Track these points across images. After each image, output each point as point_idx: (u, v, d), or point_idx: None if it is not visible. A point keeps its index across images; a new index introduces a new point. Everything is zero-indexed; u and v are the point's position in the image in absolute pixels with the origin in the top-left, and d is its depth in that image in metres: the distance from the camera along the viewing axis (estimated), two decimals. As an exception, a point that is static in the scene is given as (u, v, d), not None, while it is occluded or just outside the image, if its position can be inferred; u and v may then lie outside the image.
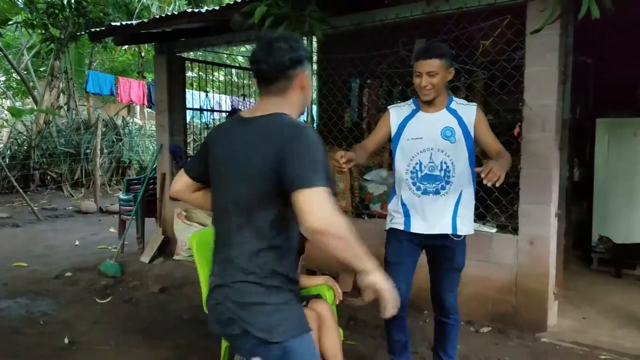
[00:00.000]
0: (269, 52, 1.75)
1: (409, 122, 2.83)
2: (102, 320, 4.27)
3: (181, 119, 6.33)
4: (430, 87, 2.68)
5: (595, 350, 3.46)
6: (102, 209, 9.82)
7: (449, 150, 2.74)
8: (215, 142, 1.91)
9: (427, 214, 2.78)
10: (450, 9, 3.97)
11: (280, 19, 4.11)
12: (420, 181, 2.79)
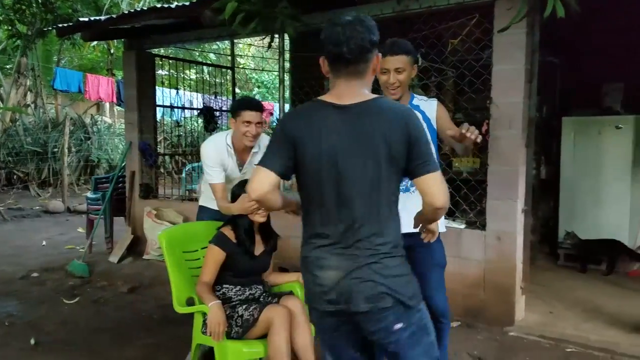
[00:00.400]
0: (350, 34, 1.75)
1: None
2: (70, 320, 4.19)
3: (151, 116, 6.26)
4: (398, 84, 2.64)
5: (561, 344, 3.54)
6: (69, 209, 9.67)
7: None
8: (308, 134, 1.81)
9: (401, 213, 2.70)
10: (420, 8, 4.02)
11: (252, 15, 4.09)
12: None
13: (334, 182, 1.80)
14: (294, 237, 3.24)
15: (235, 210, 2.98)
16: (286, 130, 1.84)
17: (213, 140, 3.42)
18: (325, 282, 1.82)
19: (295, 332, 2.77)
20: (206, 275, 2.91)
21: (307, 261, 1.89)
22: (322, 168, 1.80)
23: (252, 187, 1.83)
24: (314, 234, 1.87)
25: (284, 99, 4.99)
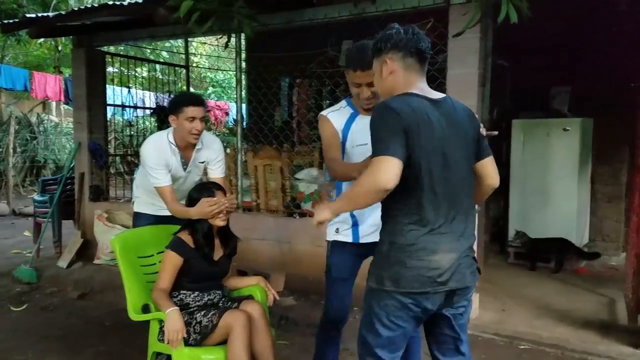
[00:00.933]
0: (424, 36, 2.01)
1: (351, 128, 2.60)
2: (18, 328, 4.04)
3: (101, 115, 6.09)
4: (372, 96, 2.48)
5: (515, 341, 3.64)
6: (15, 212, 9.38)
7: None
8: (419, 124, 1.87)
9: (375, 221, 2.49)
10: (376, 11, 4.07)
11: (208, 14, 4.03)
12: None
13: (443, 171, 1.92)
14: (254, 240, 3.22)
15: (193, 215, 2.90)
16: (401, 119, 1.85)
17: (153, 140, 3.27)
18: (442, 264, 1.92)
19: (255, 337, 2.73)
20: (163, 282, 2.84)
21: (415, 248, 1.91)
22: (433, 158, 1.90)
23: (384, 178, 1.78)
24: (420, 221, 1.92)
25: (241, 98, 4.94)
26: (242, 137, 4.93)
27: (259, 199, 4.96)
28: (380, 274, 1.97)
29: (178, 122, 3.11)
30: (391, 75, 2.01)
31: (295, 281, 4.55)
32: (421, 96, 1.96)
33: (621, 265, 5.04)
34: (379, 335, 2.02)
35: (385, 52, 2.00)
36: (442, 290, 1.94)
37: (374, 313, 2.01)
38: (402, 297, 1.94)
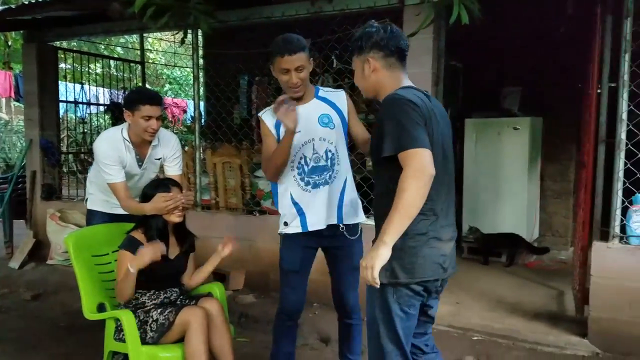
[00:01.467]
0: (402, 33, 2.11)
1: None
2: (-32, 332, 3.91)
3: (53, 112, 5.94)
4: (301, 82, 2.57)
5: (468, 332, 3.76)
6: (-39, 212, 8.93)
7: (330, 137, 2.64)
8: (430, 117, 1.96)
9: (320, 208, 2.64)
10: (333, 10, 4.12)
11: (163, 9, 3.99)
12: (308, 175, 2.64)
13: (443, 163, 2.01)
14: (213, 238, 3.22)
15: (148, 211, 2.87)
16: (421, 111, 1.92)
17: (107, 136, 3.21)
18: (446, 251, 2.04)
19: (213, 333, 2.73)
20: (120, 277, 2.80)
21: (427, 237, 1.98)
22: (436, 150, 1.95)
23: (426, 168, 1.82)
24: (428, 210, 1.96)
25: (199, 95, 4.91)
26: (200, 135, 4.90)
27: (218, 196, 4.94)
28: (393, 266, 1.95)
29: (133, 119, 3.05)
30: (374, 73, 2.08)
31: (255, 279, 4.56)
32: (416, 89, 2.04)
33: (569, 259, 5.24)
34: (397, 328, 2.04)
35: (367, 51, 2.06)
36: (444, 276, 2.07)
37: (388, 308, 2.02)
38: (415, 286, 2.01)
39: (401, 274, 1.97)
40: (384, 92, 2.08)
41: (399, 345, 2.04)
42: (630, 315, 3.39)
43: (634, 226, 3.43)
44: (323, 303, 4.21)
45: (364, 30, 2.10)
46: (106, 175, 3.10)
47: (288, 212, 2.69)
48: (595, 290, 3.49)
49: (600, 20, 3.54)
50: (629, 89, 3.38)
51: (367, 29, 2.09)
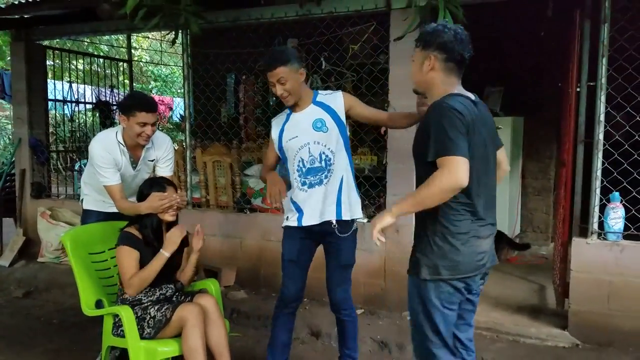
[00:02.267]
0: (468, 41, 2.13)
1: (285, 126, 2.91)
2: (-40, 329, 3.94)
3: (42, 110, 5.93)
4: (287, 93, 2.77)
5: (452, 325, 3.88)
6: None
7: (324, 140, 2.82)
8: (473, 124, 2.03)
9: (316, 206, 2.84)
10: (321, 13, 4.19)
11: (154, 10, 4.05)
12: (305, 176, 2.84)
13: (484, 164, 2.13)
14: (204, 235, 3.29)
15: (144, 210, 2.94)
16: (465, 120, 2.00)
17: (102, 139, 3.22)
18: (485, 248, 2.15)
19: (209, 328, 2.82)
20: (128, 274, 2.83)
21: (468, 236, 2.09)
22: (478, 153, 2.07)
23: (462, 177, 1.93)
24: (469, 210, 2.08)
25: (189, 95, 4.97)
26: (190, 134, 4.96)
27: (208, 195, 5.01)
28: (435, 263, 2.08)
29: (128, 124, 3.09)
30: (432, 72, 2.13)
31: (246, 276, 4.64)
32: (465, 96, 2.11)
33: (550, 254, 5.37)
34: (438, 323, 2.13)
35: (432, 49, 2.10)
36: (484, 270, 2.17)
37: (430, 304, 2.12)
38: (456, 282, 2.10)
39: (444, 270, 2.07)
40: (433, 92, 2.15)
41: (442, 338, 2.15)
42: (608, 307, 3.54)
43: (612, 223, 3.57)
44: (314, 298, 4.32)
45: (435, 28, 2.13)
46: (102, 178, 3.14)
47: (290, 209, 2.93)
48: (574, 284, 3.63)
49: (579, 25, 3.67)
50: (606, 92, 3.52)
51: (438, 28, 2.12)
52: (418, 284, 2.14)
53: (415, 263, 2.15)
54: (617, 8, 3.49)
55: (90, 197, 3.46)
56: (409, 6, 3.60)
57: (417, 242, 2.19)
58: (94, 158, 3.15)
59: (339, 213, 2.84)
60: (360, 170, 4.77)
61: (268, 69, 2.76)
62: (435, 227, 2.09)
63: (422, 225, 2.15)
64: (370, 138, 4.78)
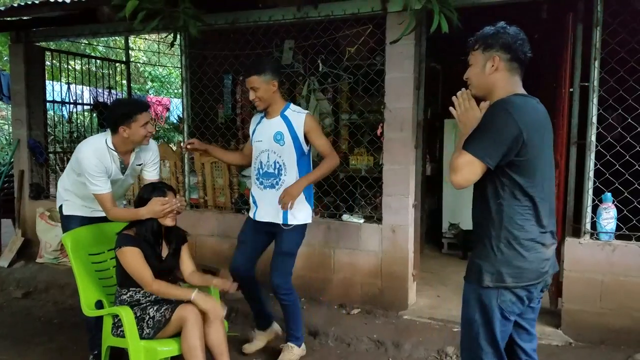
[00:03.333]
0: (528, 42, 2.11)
1: (257, 127, 3.36)
2: (-39, 329, 3.97)
3: (41, 112, 5.96)
4: (257, 99, 3.18)
5: (448, 324, 3.92)
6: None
7: (280, 151, 3.23)
8: (537, 125, 2.03)
9: (266, 205, 3.29)
10: (318, 16, 4.23)
11: (153, 13, 4.09)
12: (262, 177, 3.31)
13: (547, 169, 2.10)
14: (202, 236, 3.34)
15: (144, 215, 2.94)
16: (518, 123, 1.96)
17: (92, 146, 3.14)
18: (549, 255, 2.11)
19: (208, 328, 2.85)
20: (145, 275, 2.86)
21: (534, 242, 2.06)
22: (542, 158, 2.05)
23: (464, 177, 2.02)
24: (534, 216, 2.06)
25: (187, 97, 5.01)
26: (188, 135, 5.00)
27: (206, 196, 5.05)
28: (499, 270, 2.03)
29: (132, 131, 3.09)
30: (495, 73, 2.10)
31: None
32: (531, 97, 2.10)
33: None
34: (496, 332, 2.08)
35: (496, 50, 2.09)
36: (545, 278, 2.13)
37: (491, 312, 2.07)
38: (519, 291, 2.05)
39: (508, 277, 2.03)
40: (496, 93, 2.10)
41: (496, 347, 2.10)
42: (600, 306, 3.60)
43: (604, 223, 3.62)
44: (311, 298, 4.38)
45: (496, 29, 2.12)
46: (93, 187, 3.08)
47: (250, 201, 3.44)
48: (567, 284, 3.70)
49: (572, 29, 3.73)
50: (599, 94, 3.58)
51: (499, 29, 2.11)
52: (478, 291, 2.08)
53: (476, 269, 2.09)
54: (609, 12, 3.54)
55: (71, 202, 3.37)
56: (405, 10, 3.64)
57: (477, 248, 2.13)
58: (85, 166, 3.07)
59: (285, 219, 3.24)
60: (357, 170, 4.82)
61: (244, 76, 3.23)
62: (500, 232, 2.05)
63: (484, 231, 2.10)
64: (366, 139, 4.83)
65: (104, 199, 3.10)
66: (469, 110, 2.14)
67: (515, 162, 1.99)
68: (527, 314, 2.18)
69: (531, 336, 2.24)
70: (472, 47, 2.18)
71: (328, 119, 5.00)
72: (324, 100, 5.03)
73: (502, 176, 2.03)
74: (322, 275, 4.42)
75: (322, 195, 4.79)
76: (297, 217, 3.25)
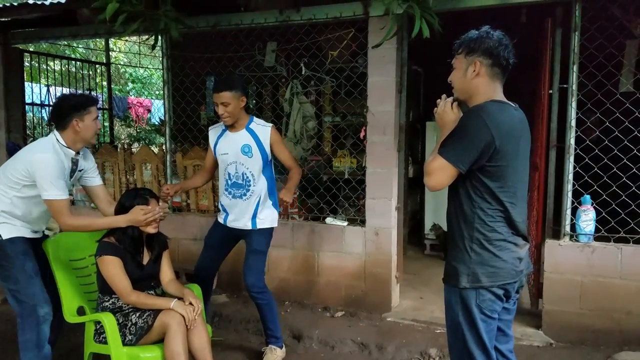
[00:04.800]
0: (512, 48, 2.13)
1: (219, 140, 3.46)
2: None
3: (19, 114, 5.87)
4: (227, 114, 3.27)
5: (431, 326, 3.96)
6: None
7: (248, 163, 3.37)
8: (512, 132, 2.06)
9: (236, 213, 3.44)
10: (301, 20, 4.24)
11: (134, 16, 4.06)
12: (230, 187, 3.43)
13: (521, 173, 2.14)
14: (185, 240, 3.32)
15: (124, 223, 2.90)
16: (491, 130, 1.99)
17: (49, 148, 2.89)
18: (522, 254, 2.16)
19: (191, 333, 2.83)
20: (122, 285, 2.83)
21: (507, 242, 2.11)
22: (515, 162, 2.08)
23: (437, 181, 2.08)
24: (506, 217, 2.09)
25: (169, 99, 4.97)
26: (170, 138, 4.97)
27: (189, 199, 5.03)
28: (475, 271, 2.08)
29: (84, 125, 2.93)
30: (477, 77, 2.12)
31: (228, 279, 4.67)
32: (507, 104, 2.13)
33: (525, 254, 5.51)
34: (481, 332, 2.10)
35: (477, 55, 2.11)
36: (520, 277, 2.16)
37: (471, 313, 2.10)
38: (497, 290, 2.10)
39: (484, 277, 2.07)
40: (476, 97, 2.13)
41: (485, 348, 2.12)
42: (580, 307, 3.66)
43: (583, 225, 3.68)
44: (295, 301, 4.38)
45: (480, 34, 2.13)
46: (51, 192, 2.82)
47: (220, 208, 3.57)
48: (547, 285, 3.75)
49: (551, 33, 3.79)
50: (577, 98, 3.64)
51: (481, 33, 2.13)
52: (457, 293, 2.12)
53: (453, 272, 2.14)
54: (587, 17, 3.60)
55: (9, 224, 2.95)
56: (387, 14, 3.67)
57: (453, 250, 2.17)
58: (43, 171, 2.81)
59: (254, 224, 3.42)
60: (340, 173, 4.84)
61: (215, 91, 3.29)
62: (472, 233, 2.09)
63: (457, 233, 2.14)
64: (350, 143, 4.84)
65: (62, 206, 2.84)
66: (446, 112, 2.20)
67: (487, 167, 2.03)
68: (502, 315, 2.21)
69: (507, 337, 2.28)
70: (456, 51, 2.20)
71: (311, 122, 5.01)
72: (306, 103, 5.03)
73: (474, 180, 2.07)
74: (306, 278, 4.43)
75: (305, 198, 4.80)
76: (265, 222, 3.44)
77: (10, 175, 2.92)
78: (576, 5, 3.56)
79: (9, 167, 2.98)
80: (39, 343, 2.95)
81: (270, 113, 5.75)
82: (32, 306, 2.91)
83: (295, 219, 4.67)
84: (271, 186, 3.49)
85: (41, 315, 2.92)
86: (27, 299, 2.92)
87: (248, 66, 5.20)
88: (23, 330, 2.96)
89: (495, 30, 2.15)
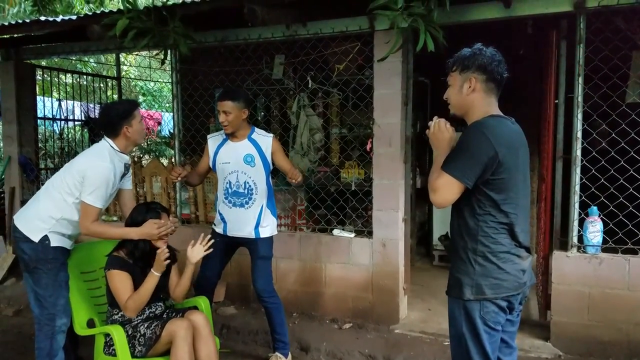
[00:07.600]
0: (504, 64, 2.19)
1: (220, 149, 3.52)
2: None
3: (31, 128, 5.97)
4: (227, 123, 3.37)
5: (439, 338, 3.94)
6: None
7: (250, 172, 3.45)
8: (510, 147, 2.09)
9: (237, 222, 3.49)
10: (307, 34, 4.30)
11: (144, 32, 4.13)
12: (231, 196, 3.49)
13: (522, 186, 2.16)
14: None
15: (136, 236, 2.94)
16: (492, 148, 2.04)
17: (105, 156, 3.02)
18: (525, 266, 2.18)
19: (199, 345, 2.87)
20: (125, 294, 2.87)
21: (510, 254, 2.13)
22: (516, 175, 2.12)
23: (443, 197, 2.10)
24: (508, 230, 2.12)
25: (178, 112, 5.03)
26: (179, 151, 5.03)
27: (198, 211, 5.07)
28: (479, 283, 2.10)
29: (134, 129, 3.09)
30: (473, 93, 2.17)
31: (236, 291, 4.70)
32: (505, 118, 2.17)
33: (534, 266, 5.48)
34: (485, 344, 2.12)
35: (472, 71, 2.16)
36: (524, 289, 2.19)
37: (475, 325, 2.12)
38: (500, 302, 2.12)
39: (487, 289, 2.09)
40: (472, 113, 2.19)
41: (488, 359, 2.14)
42: (588, 318, 3.65)
43: (590, 236, 3.68)
44: (302, 312, 4.40)
45: (473, 51, 2.19)
46: (91, 197, 2.93)
47: (217, 218, 3.61)
48: (555, 296, 3.74)
49: (556, 45, 3.81)
50: (583, 109, 3.65)
51: (475, 50, 2.18)
52: (461, 305, 2.14)
53: (457, 284, 2.16)
54: (592, 29, 3.62)
55: (58, 235, 3.05)
56: (392, 28, 3.71)
57: (456, 262, 2.19)
58: (95, 180, 2.93)
59: (257, 233, 3.48)
60: (347, 185, 4.86)
61: (219, 99, 3.39)
62: (476, 246, 2.11)
63: (461, 246, 2.16)
64: (356, 154, 4.88)
65: (93, 212, 2.94)
66: (441, 131, 2.24)
67: (491, 180, 2.07)
68: (506, 327, 2.22)
69: (511, 349, 2.31)
70: (451, 69, 2.26)
71: (318, 134, 5.05)
72: (313, 116, 5.08)
73: (478, 193, 2.10)
74: (314, 289, 4.45)
75: (313, 209, 4.82)
76: (267, 231, 3.52)
77: (68, 181, 3.01)
78: (580, 18, 3.58)
79: (66, 173, 3.06)
80: (51, 352, 3.02)
81: (277, 125, 5.79)
82: (52, 315, 3.00)
83: (302, 230, 4.70)
84: (271, 195, 3.58)
85: (58, 325, 3.01)
86: (50, 307, 3.00)
87: (256, 79, 5.25)
88: (38, 337, 3.05)
89: (488, 47, 2.20)
